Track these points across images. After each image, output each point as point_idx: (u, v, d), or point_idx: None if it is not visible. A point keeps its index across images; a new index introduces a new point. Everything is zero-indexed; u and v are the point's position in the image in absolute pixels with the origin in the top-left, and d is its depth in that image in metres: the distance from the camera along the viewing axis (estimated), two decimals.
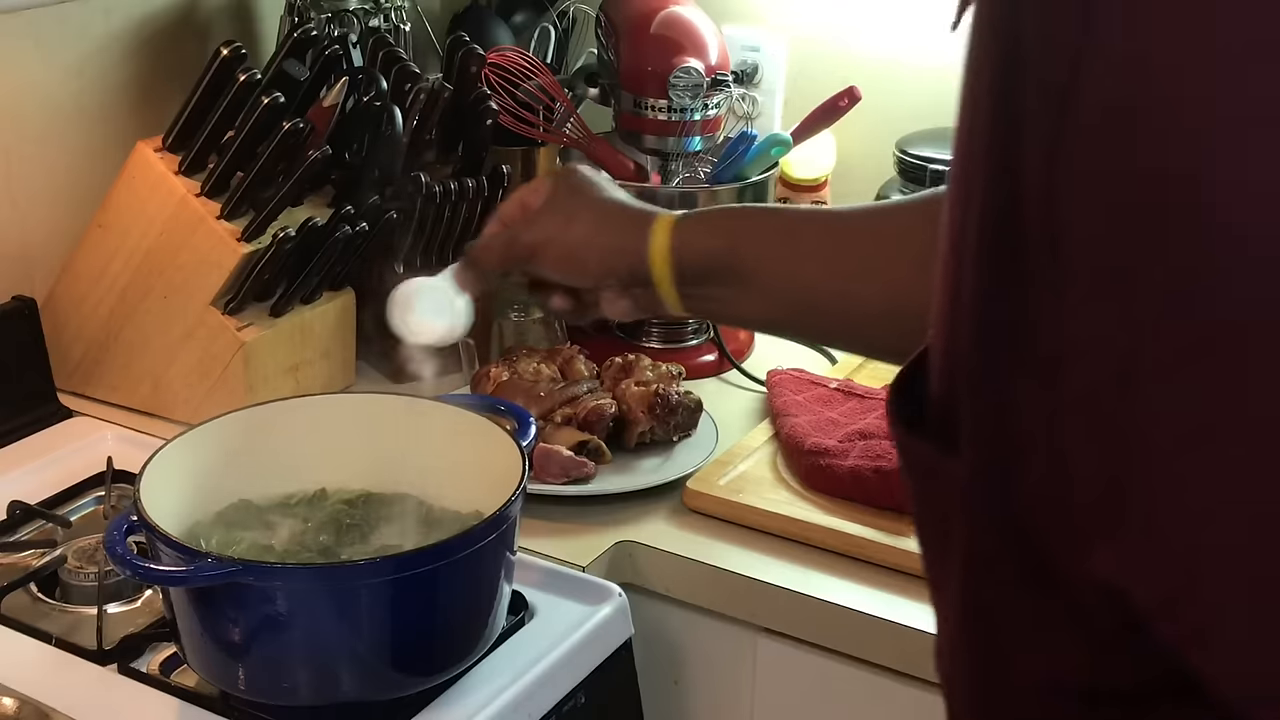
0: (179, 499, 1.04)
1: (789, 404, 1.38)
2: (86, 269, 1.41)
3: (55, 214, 1.47)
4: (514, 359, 1.39)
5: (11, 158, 1.43)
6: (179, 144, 1.37)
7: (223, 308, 1.36)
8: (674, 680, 1.27)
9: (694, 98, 1.47)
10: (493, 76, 1.51)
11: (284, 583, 0.93)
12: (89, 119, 1.49)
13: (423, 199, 1.41)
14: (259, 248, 1.33)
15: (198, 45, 1.56)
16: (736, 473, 1.30)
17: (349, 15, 1.56)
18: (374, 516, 1.10)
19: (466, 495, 1.07)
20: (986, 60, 0.46)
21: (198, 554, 0.92)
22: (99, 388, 1.44)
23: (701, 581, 1.21)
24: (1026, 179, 0.43)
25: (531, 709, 1.05)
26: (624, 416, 1.34)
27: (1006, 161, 0.44)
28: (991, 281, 0.46)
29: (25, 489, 1.26)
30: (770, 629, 1.20)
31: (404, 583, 0.95)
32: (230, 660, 0.97)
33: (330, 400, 1.18)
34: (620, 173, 1.54)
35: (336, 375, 1.48)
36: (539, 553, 1.20)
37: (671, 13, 1.50)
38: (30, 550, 1.19)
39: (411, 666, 1.00)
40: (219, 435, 1.09)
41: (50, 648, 1.06)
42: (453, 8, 1.79)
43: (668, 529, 1.25)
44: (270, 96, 1.31)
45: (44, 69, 1.44)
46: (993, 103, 0.45)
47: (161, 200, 1.36)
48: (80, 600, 1.13)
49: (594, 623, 1.12)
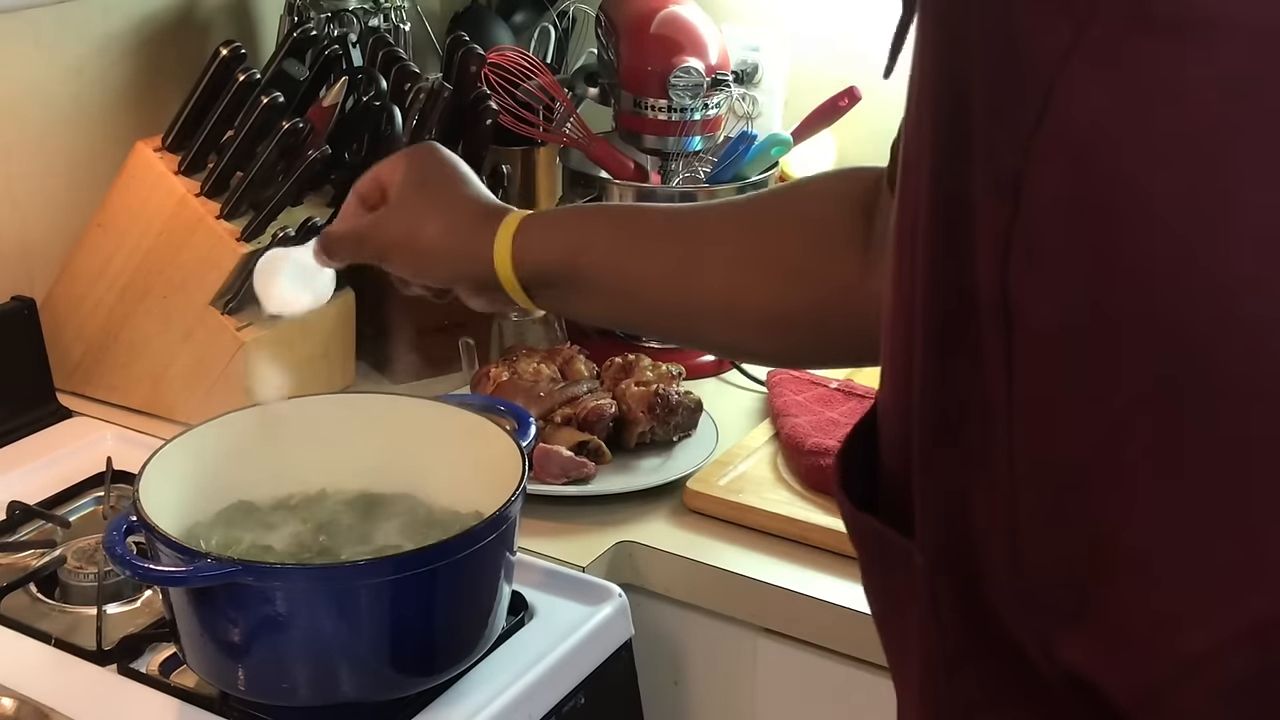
0: (178, 499, 1.03)
1: (789, 404, 1.38)
2: (86, 269, 1.41)
3: (55, 214, 1.47)
4: (514, 359, 1.39)
5: (11, 158, 1.43)
6: (178, 144, 1.37)
7: (222, 307, 1.36)
8: (674, 680, 1.27)
9: (694, 98, 1.46)
10: (493, 76, 1.51)
11: (283, 583, 0.93)
12: (89, 119, 1.49)
13: None
14: (259, 247, 1.33)
15: (197, 45, 1.56)
16: (736, 473, 1.30)
17: (349, 15, 1.56)
18: (374, 516, 1.10)
19: (466, 495, 1.07)
20: (929, 144, 0.45)
21: (197, 554, 0.92)
22: (98, 388, 1.44)
23: (701, 581, 1.21)
24: (977, 272, 0.42)
25: (531, 709, 1.05)
26: (624, 416, 1.33)
27: (952, 246, 0.43)
28: (942, 370, 0.46)
29: (25, 489, 1.26)
30: (770, 629, 1.20)
31: (404, 583, 0.94)
32: (230, 660, 0.97)
33: (330, 400, 1.18)
34: (620, 173, 1.54)
35: (336, 375, 1.48)
36: (539, 553, 1.19)
37: (671, 12, 1.50)
38: (30, 550, 1.19)
39: (411, 666, 1.00)
40: (219, 435, 1.09)
41: (50, 648, 1.06)
42: (453, 7, 1.79)
43: (668, 529, 1.25)
44: (270, 96, 1.31)
45: (44, 69, 1.44)
46: (936, 188, 0.44)
47: (161, 200, 1.36)
48: (80, 600, 1.13)
49: (594, 623, 1.12)
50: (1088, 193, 0.39)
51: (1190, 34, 0.38)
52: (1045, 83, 0.40)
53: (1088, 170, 0.39)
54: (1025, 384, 0.42)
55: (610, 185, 1.53)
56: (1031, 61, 0.40)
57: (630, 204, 1.46)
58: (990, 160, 0.42)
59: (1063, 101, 0.39)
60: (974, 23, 0.42)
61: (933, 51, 0.45)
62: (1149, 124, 0.38)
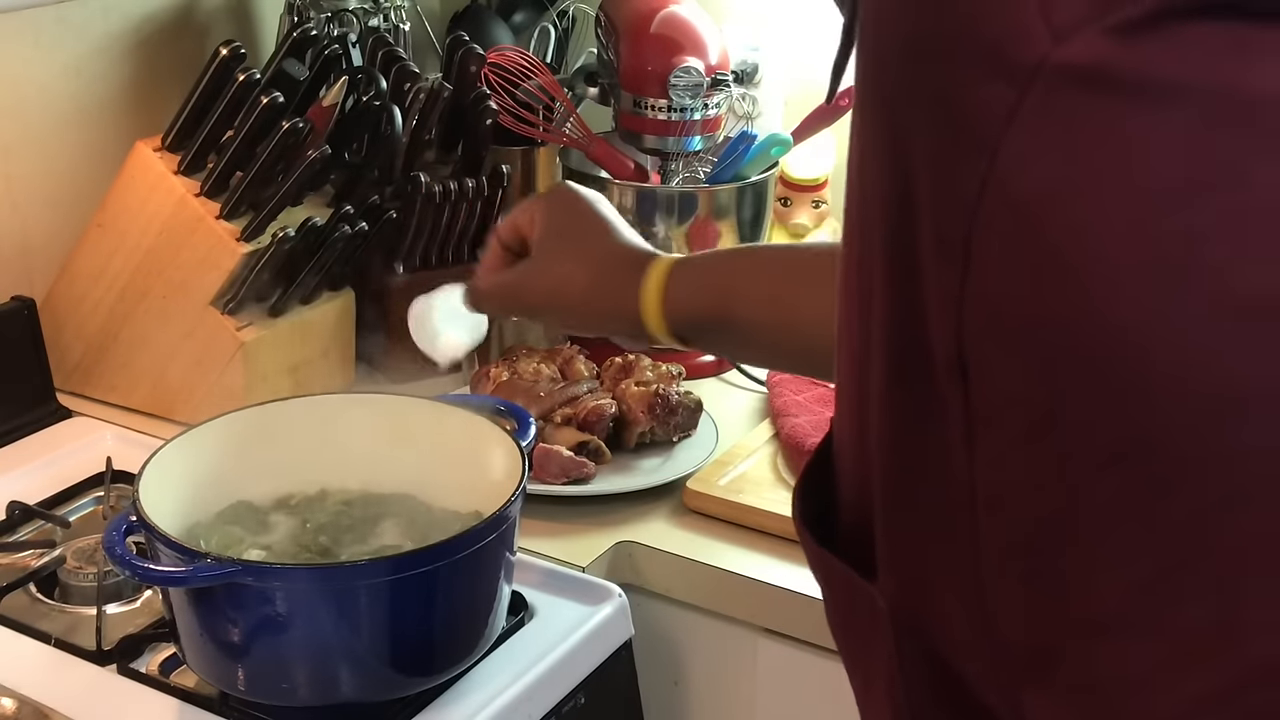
0: (178, 499, 1.03)
1: (789, 404, 1.38)
2: (86, 269, 1.41)
3: (54, 214, 1.46)
4: (514, 359, 1.39)
5: (11, 158, 1.43)
6: (178, 144, 1.37)
7: (222, 308, 1.36)
8: (674, 680, 1.27)
9: (694, 97, 1.46)
10: (492, 76, 1.51)
11: (283, 583, 0.93)
12: (88, 119, 1.49)
13: (422, 199, 1.41)
14: (258, 247, 1.33)
15: (197, 45, 1.56)
16: (736, 473, 1.30)
17: (349, 15, 1.56)
18: (374, 516, 1.10)
19: (466, 495, 1.07)
20: (879, 205, 0.44)
21: (197, 554, 0.92)
22: (98, 388, 1.44)
23: (701, 581, 1.21)
24: (932, 335, 0.42)
25: (531, 709, 1.05)
26: (624, 416, 1.33)
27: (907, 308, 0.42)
28: (900, 422, 0.45)
29: (24, 489, 1.26)
30: (770, 629, 1.20)
31: (403, 583, 0.94)
32: (229, 661, 0.97)
33: (330, 400, 1.18)
34: (620, 173, 1.54)
35: (336, 375, 1.47)
36: (539, 553, 1.19)
37: (671, 12, 1.50)
38: (29, 550, 1.19)
39: (411, 667, 0.99)
40: (218, 435, 1.09)
41: (49, 648, 1.06)
42: (452, 7, 1.79)
43: (668, 529, 1.25)
44: (270, 96, 1.31)
45: (44, 69, 1.44)
46: (886, 249, 0.43)
47: (161, 200, 1.35)
48: (79, 600, 1.13)
49: (594, 623, 1.12)
50: (1039, 256, 0.38)
51: (1140, 95, 0.37)
52: (990, 146, 0.39)
53: (1035, 233, 0.38)
54: (985, 445, 0.41)
55: (610, 185, 1.53)
56: (973, 125, 0.39)
57: (781, 245, 1.44)
58: (938, 224, 0.41)
59: (1007, 165, 0.38)
60: (913, 86, 0.41)
61: (874, 115, 0.44)
62: (1098, 186, 0.37)
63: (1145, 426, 0.38)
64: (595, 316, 0.99)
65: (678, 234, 1.51)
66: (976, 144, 0.39)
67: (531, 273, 1.00)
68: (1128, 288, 0.37)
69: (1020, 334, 0.39)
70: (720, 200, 1.52)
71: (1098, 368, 0.38)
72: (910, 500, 0.45)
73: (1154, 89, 0.37)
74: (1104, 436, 0.38)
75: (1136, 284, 0.37)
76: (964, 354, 0.40)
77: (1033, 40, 0.38)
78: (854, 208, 0.46)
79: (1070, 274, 0.38)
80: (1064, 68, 0.38)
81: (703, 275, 0.95)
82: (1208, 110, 0.36)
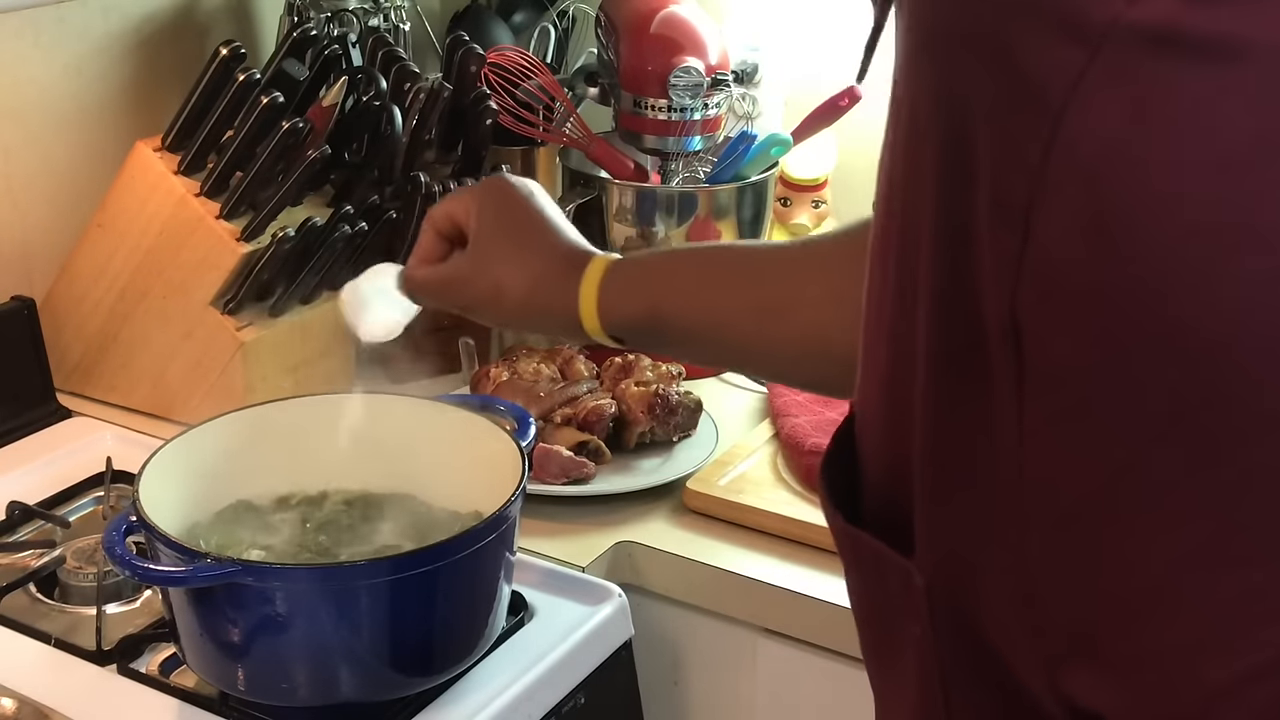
0: (178, 499, 1.03)
1: (789, 404, 1.38)
2: (85, 269, 1.41)
3: (54, 214, 1.46)
4: (514, 359, 1.39)
5: (11, 158, 1.43)
6: (178, 144, 1.37)
7: (222, 308, 1.36)
8: (674, 680, 1.27)
9: (694, 97, 1.46)
10: (492, 76, 1.51)
11: (283, 583, 0.93)
12: (88, 119, 1.49)
13: (422, 199, 1.41)
14: (258, 247, 1.33)
15: (197, 45, 1.56)
16: (736, 473, 1.30)
17: (349, 15, 1.56)
18: (374, 516, 1.10)
19: (466, 495, 1.07)
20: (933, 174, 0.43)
21: (197, 554, 0.92)
22: (98, 388, 1.44)
23: (701, 581, 1.21)
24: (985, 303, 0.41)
25: (531, 709, 1.05)
26: (624, 416, 1.33)
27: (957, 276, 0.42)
28: (950, 403, 0.44)
29: (24, 489, 1.26)
30: (770, 629, 1.20)
31: (403, 583, 0.94)
32: (229, 661, 0.97)
33: (330, 400, 1.18)
34: (620, 173, 1.54)
35: (336, 375, 1.47)
36: (539, 553, 1.19)
37: (671, 12, 1.50)
38: (29, 550, 1.19)
39: (411, 667, 0.99)
40: (218, 435, 1.09)
41: (49, 648, 1.06)
42: (452, 7, 1.79)
43: (668, 529, 1.25)
44: (270, 96, 1.31)
45: (43, 69, 1.44)
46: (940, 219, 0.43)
47: (161, 200, 1.35)
48: (79, 601, 1.13)
49: (594, 623, 1.12)
50: (1104, 219, 0.38)
51: (1214, 55, 0.37)
52: (1055, 109, 0.38)
53: (1104, 196, 0.38)
54: (1036, 416, 0.41)
55: (610, 185, 1.53)
56: (1039, 88, 0.39)
57: (712, 245, 1.42)
58: (997, 190, 0.40)
59: (1075, 127, 0.38)
60: (971, 52, 0.41)
61: (927, 83, 0.43)
62: (1171, 147, 0.37)
63: (1207, 387, 0.37)
64: (533, 316, 0.99)
65: (678, 234, 1.51)
66: (1042, 106, 0.39)
67: (468, 272, 0.99)
68: (1191, 250, 0.37)
69: (1080, 299, 0.39)
70: (720, 200, 1.52)
71: (1158, 332, 0.38)
72: (954, 475, 0.45)
73: (1224, 49, 0.36)
74: (1159, 404, 0.38)
75: (1200, 246, 0.37)
76: (1018, 322, 0.40)
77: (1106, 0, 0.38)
78: (896, 179, 0.46)
79: (1134, 237, 0.37)
80: (1135, 27, 0.37)
81: (635, 276, 0.95)
82: (1278, 71, 0.36)
